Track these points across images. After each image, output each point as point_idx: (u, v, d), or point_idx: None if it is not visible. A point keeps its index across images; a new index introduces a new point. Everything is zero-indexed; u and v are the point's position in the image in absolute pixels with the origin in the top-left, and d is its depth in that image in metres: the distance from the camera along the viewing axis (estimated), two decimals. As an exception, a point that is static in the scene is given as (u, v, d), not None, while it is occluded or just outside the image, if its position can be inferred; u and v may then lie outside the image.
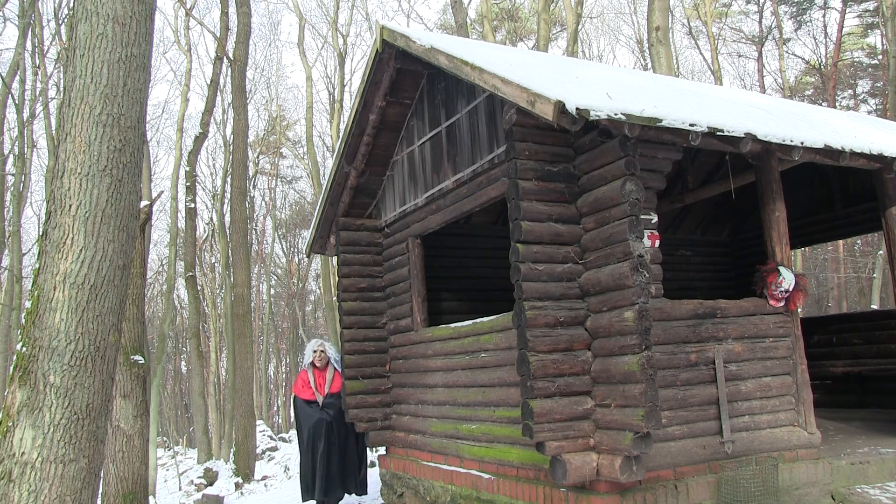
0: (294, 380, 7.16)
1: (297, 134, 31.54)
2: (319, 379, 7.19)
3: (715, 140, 4.70)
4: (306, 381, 7.16)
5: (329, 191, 7.39)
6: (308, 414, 7.05)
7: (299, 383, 7.20)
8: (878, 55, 23.62)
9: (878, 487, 5.16)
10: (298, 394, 7.15)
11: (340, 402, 7.04)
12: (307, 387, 7.14)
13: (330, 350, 7.32)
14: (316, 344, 7.33)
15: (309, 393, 7.10)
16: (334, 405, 7.10)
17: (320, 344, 7.30)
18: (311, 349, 7.28)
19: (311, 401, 7.10)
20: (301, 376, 7.25)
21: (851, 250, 24.23)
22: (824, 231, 9.02)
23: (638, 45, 27.12)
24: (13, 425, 3.14)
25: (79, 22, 3.43)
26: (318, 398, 7.08)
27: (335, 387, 7.18)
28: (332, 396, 7.13)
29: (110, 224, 3.35)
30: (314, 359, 7.22)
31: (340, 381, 7.11)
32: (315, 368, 7.21)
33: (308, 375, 7.18)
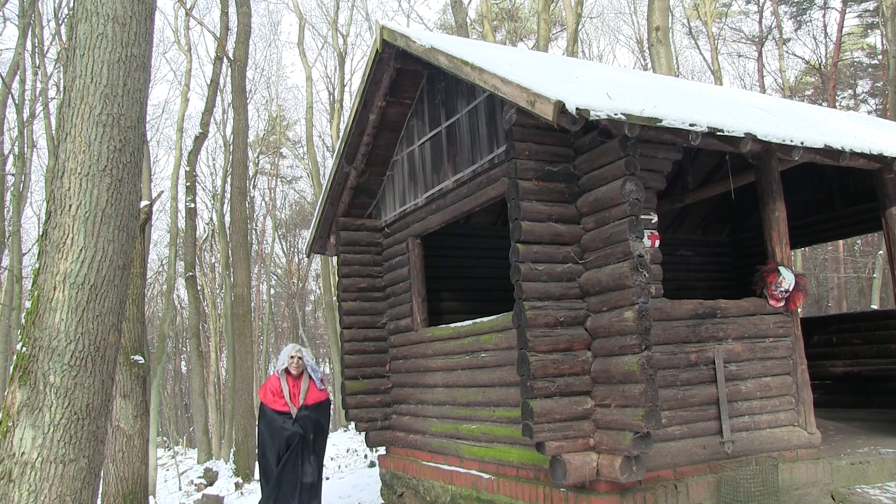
0: (261, 385, 6.31)
1: (297, 134, 31.56)
2: (294, 388, 6.29)
3: (715, 140, 4.70)
4: (277, 390, 6.26)
5: (329, 191, 7.39)
6: (279, 426, 6.13)
7: (268, 391, 6.28)
8: (878, 55, 23.62)
9: (878, 487, 5.16)
10: (268, 403, 6.22)
11: (315, 415, 6.28)
12: (279, 396, 6.23)
13: (307, 357, 6.49)
14: (293, 349, 6.44)
15: (281, 403, 6.20)
16: (308, 419, 6.21)
17: (297, 350, 6.43)
18: (288, 354, 6.41)
19: (282, 412, 6.19)
20: (270, 383, 6.36)
21: (851, 250, 24.23)
22: (824, 231, 9.01)
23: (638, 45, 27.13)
24: (13, 425, 3.14)
25: (79, 22, 3.43)
26: (292, 410, 6.17)
27: (310, 398, 6.30)
28: (306, 409, 6.23)
29: (110, 224, 3.35)
30: (289, 365, 6.34)
31: (317, 393, 6.34)
32: (289, 376, 6.34)
33: (280, 383, 6.30)
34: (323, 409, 6.38)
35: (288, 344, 6.54)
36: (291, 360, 6.34)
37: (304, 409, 6.22)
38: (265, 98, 31.68)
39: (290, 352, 6.40)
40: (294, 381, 6.32)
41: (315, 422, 6.24)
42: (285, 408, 6.19)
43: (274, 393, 6.22)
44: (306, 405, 6.24)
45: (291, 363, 6.33)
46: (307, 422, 6.20)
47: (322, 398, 6.34)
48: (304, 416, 6.19)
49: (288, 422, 6.14)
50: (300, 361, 6.37)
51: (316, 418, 6.25)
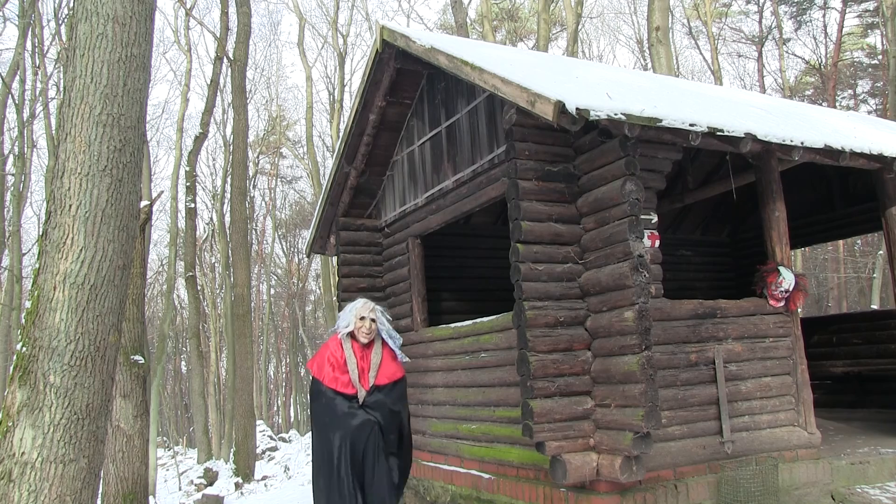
0: (314, 355, 4.44)
1: (297, 134, 31.56)
2: (363, 361, 4.27)
3: (715, 140, 4.70)
4: (340, 363, 4.23)
5: (329, 191, 7.39)
6: (343, 411, 4.14)
7: (326, 362, 4.26)
8: (878, 55, 23.62)
9: (878, 487, 5.16)
10: (326, 380, 4.21)
11: (392, 399, 4.22)
12: (341, 371, 4.22)
13: (383, 320, 4.40)
14: (365, 307, 4.31)
15: (344, 382, 4.18)
16: (383, 405, 4.19)
17: (371, 309, 4.32)
18: (356, 313, 4.29)
19: (344, 394, 4.18)
20: (330, 352, 4.29)
21: (851, 250, 24.22)
22: (824, 231, 9.01)
23: (638, 45, 27.12)
24: (13, 425, 3.14)
25: (79, 22, 3.43)
26: (360, 392, 4.16)
27: (384, 375, 4.25)
28: (379, 391, 4.20)
29: (110, 224, 3.35)
30: (358, 329, 4.25)
31: (392, 368, 4.29)
32: (355, 342, 4.28)
33: (343, 353, 4.25)
34: (399, 391, 4.30)
35: (357, 299, 4.41)
36: (362, 322, 4.23)
37: (375, 392, 4.20)
38: (265, 98, 31.72)
39: (361, 310, 4.27)
40: (363, 351, 4.27)
41: (390, 410, 4.21)
42: (349, 388, 4.16)
43: (335, 366, 4.21)
44: (378, 385, 4.20)
45: (361, 327, 4.23)
46: (382, 410, 4.17)
47: (398, 375, 4.30)
48: (376, 402, 4.18)
49: (354, 405, 4.16)
50: (373, 326, 4.26)
51: (392, 404, 4.22)
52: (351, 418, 4.12)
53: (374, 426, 4.13)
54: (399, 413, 4.29)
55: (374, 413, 4.15)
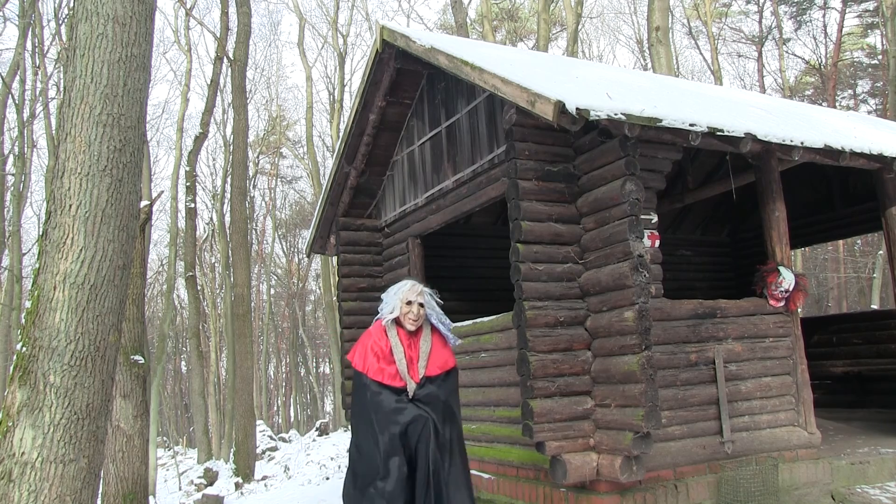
0: (354, 345, 3.94)
1: (297, 134, 31.56)
2: (411, 350, 3.80)
3: (715, 140, 4.70)
4: (385, 352, 3.76)
5: (329, 191, 7.39)
6: (391, 407, 3.63)
7: (369, 352, 3.79)
8: (878, 55, 23.62)
9: (878, 487, 5.16)
10: (370, 372, 3.73)
11: (444, 391, 3.75)
12: (387, 361, 3.74)
13: (432, 303, 3.95)
14: (412, 290, 3.84)
15: (391, 374, 3.70)
16: (436, 399, 3.70)
17: (419, 292, 3.85)
18: (403, 297, 3.82)
19: (391, 387, 3.70)
20: (373, 340, 3.81)
21: (851, 250, 24.23)
22: (824, 231, 9.01)
23: (638, 45, 27.12)
24: (13, 425, 3.13)
25: (79, 22, 3.43)
26: (409, 385, 3.68)
27: (434, 364, 3.78)
28: (431, 383, 3.74)
29: (110, 224, 3.35)
30: (404, 315, 3.79)
31: (443, 356, 3.83)
32: (401, 330, 3.82)
33: (388, 341, 3.78)
34: (452, 382, 3.84)
35: (404, 280, 3.97)
36: (409, 307, 3.76)
37: (426, 384, 3.72)
38: (265, 98, 31.73)
39: (408, 294, 3.81)
40: (410, 339, 3.81)
41: (445, 404, 3.72)
42: (397, 381, 3.68)
43: (379, 356, 3.74)
44: (430, 376, 3.74)
45: (408, 313, 3.77)
46: (435, 404, 3.66)
47: (451, 365, 3.85)
48: (428, 395, 3.68)
49: (403, 399, 3.66)
50: (421, 311, 3.81)
51: (446, 397, 3.74)
52: (400, 414, 3.57)
53: (428, 422, 3.57)
54: (452, 407, 3.74)
55: (426, 407, 3.62)
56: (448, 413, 3.73)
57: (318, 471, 13.21)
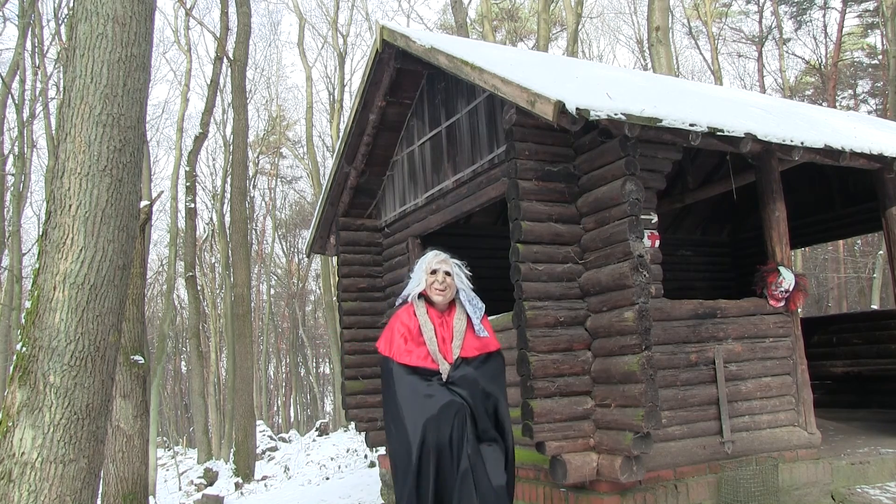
0: (381, 334, 3.50)
1: (297, 134, 31.56)
2: (443, 328, 3.39)
3: (715, 140, 4.70)
4: (413, 331, 3.35)
5: (329, 191, 7.38)
6: (420, 392, 3.25)
7: (395, 333, 3.40)
8: (878, 55, 23.62)
9: (878, 487, 5.16)
10: (396, 355, 3.36)
11: (483, 376, 3.32)
12: (415, 341, 3.34)
13: (462, 275, 3.52)
14: (437, 258, 3.45)
15: (420, 355, 3.31)
16: (472, 382, 3.29)
17: (443, 259, 3.45)
18: (427, 267, 3.43)
19: (422, 369, 3.30)
20: (398, 322, 3.42)
21: (851, 250, 24.22)
22: (824, 231, 9.01)
23: (638, 45, 27.12)
24: (13, 425, 3.14)
25: (79, 22, 3.43)
26: (441, 365, 3.29)
27: (470, 346, 3.36)
28: (467, 364, 3.32)
29: (110, 224, 3.35)
30: (430, 285, 3.39)
31: (486, 338, 3.41)
32: (432, 309, 3.42)
33: (417, 320, 3.38)
34: (493, 367, 3.40)
35: (427, 251, 3.56)
36: (433, 276, 3.37)
37: (461, 365, 3.32)
38: (265, 98, 31.70)
39: (431, 262, 3.42)
40: (441, 317, 3.41)
41: (483, 391, 3.28)
42: (428, 362, 3.29)
43: (407, 337, 3.35)
44: (465, 358, 3.33)
45: (433, 283, 3.36)
46: (472, 389, 3.26)
47: (492, 347, 3.42)
48: (464, 378, 3.27)
49: (435, 382, 3.26)
50: (448, 280, 3.39)
51: (486, 382, 3.29)
52: (430, 399, 3.17)
53: (463, 408, 3.17)
54: (493, 395, 3.28)
55: (462, 391, 3.21)
56: (488, 400, 3.28)
57: (318, 471, 13.21)
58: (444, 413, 3.17)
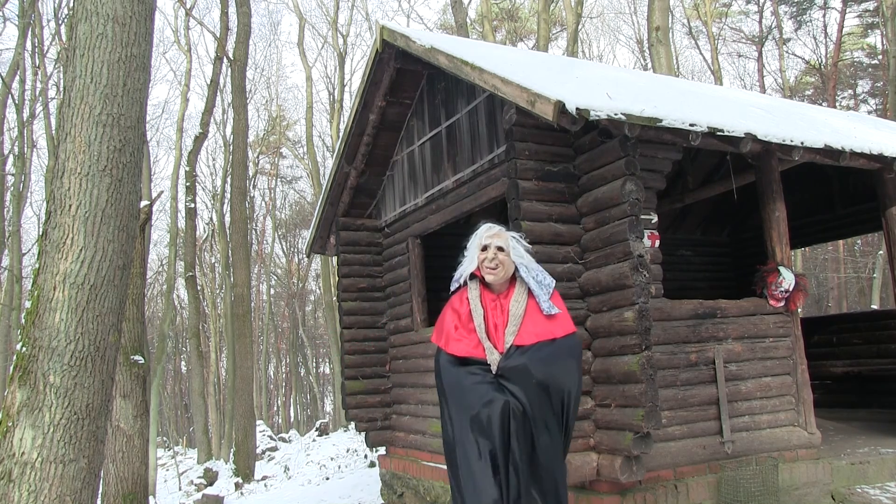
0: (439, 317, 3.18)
1: (297, 134, 31.56)
2: (495, 311, 3.02)
3: (715, 140, 4.70)
4: (463, 317, 3.04)
5: (329, 191, 7.39)
6: (466, 384, 2.91)
7: (445, 320, 3.11)
8: (878, 55, 23.62)
9: (878, 487, 5.16)
10: (444, 343, 3.05)
11: (543, 368, 2.87)
12: (465, 327, 3.01)
13: (521, 250, 3.12)
14: (489, 232, 3.11)
15: (469, 343, 2.97)
16: (525, 375, 2.86)
17: (495, 232, 3.10)
18: (478, 243, 3.11)
19: (472, 359, 2.96)
20: (450, 308, 3.13)
21: (851, 250, 24.22)
22: (824, 231, 9.01)
23: (638, 45, 27.13)
24: (13, 425, 3.13)
25: (79, 22, 3.43)
26: (490, 355, 2.92)
27: (528, 331, 2.93)
28: (522, 354, 2.90)
29: (110, 224, 3.35)
30: (480, 262, 3.06)
31: (543, 322, 2.95)
32: (487, 291, 3.08)
33: (468, 302, 3.07)
34: (556, 354, 2.89)
35: (481, 224, 3.19)
36: (483, 253, 3.01)
37: (514, 355, 2.88)
38: (265, 98, 31.71)
39: (482, 237, 3.07)
40: (496, 300, 3.02)
41: (539, 384, 2.82)
42: (477, 350, 2.92)
43: (458, 324, 3.00)
44: (521, 346, 2.89)
45: (483, 259, 3.01)
46: (524, 382, 2.82)
47: (557, 333, 2.92)
48: (516, 370, 2.85)
49: (483, 374, 2.87)
50: (500, 256, 2.99)
51: (543, 374, 2.83)
52: (473, 394, 2.77)
53: (507, 406, 2.73)
54: (550, 388, 2.76)
55: (512, 386, 2.76)
56: (542, 396, 2.75)
57: (318, 471, 13.20)
58: (488, 411, 2.75)
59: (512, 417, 2.75)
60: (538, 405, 2.78)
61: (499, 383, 2.82)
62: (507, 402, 2.76)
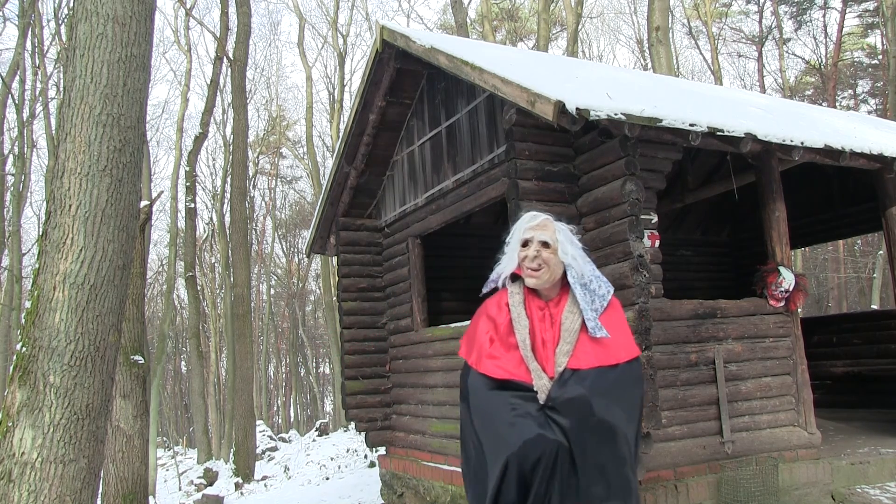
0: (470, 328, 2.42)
1: (297, 134, 31.56)
2: (542, 325, 2.28)
3: (715, 140, 4.70)
4: (502, 329, 2.32)
5: (329, 191, 7.38)
6: (503, 418, 2.16)
7: (477, 330, 2.40)
8: (878, 55, 23.62)
9: (878, 487, 5.16)
10: (476, 362, 2.30)
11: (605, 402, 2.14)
12: (503, 343, 2.29)
13: (570, 246, 2.31)
14: (530, 224, 2.34)
15: (510, 362, 2.24)
16: (584, 409, 2.12)
17: (540, 224, 2.33)
18: (519, 237, 2.36)
19: (512, 382, 2.21)
20: (485, 314, 2.43)
21: (851, 250, 24.22)
22: (824, 231, 9.02)
23: (638, 45, 27.12)
24: (13, 425, 3.13)
25: (79, 22, 3.43)
26: (538, 381, 2.18)
27: (591, 352, 2.20)
28: (580, 382, 2.15)
29: (110, 224, 3.35)
30: (521, 261, 2.35)
31: (614, 343, 2.23)
32: (533, 297, 2.35)
33: (506, 309, 2.36)
34: (619, 383, 2.22)
35: (523, 211, 2.56)
36: (525, 249, 2.34)
37: (569, 381, 2.19)
38: (265, 98, 31.71)
39: (525, 228, 2.36)
40: (545, 308, 2.34)
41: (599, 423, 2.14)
42: (520, 373, 2.23)
43: (494, 337, 2.34)
44: (577, 370, 2.20)
45: (525, 256, 2.34)
46: (580, 419, 2.14)
47: (620, 356, 2.24)
48: (570, 403, 2.15)
49: (528, 407, 2.18)
50: (545, 254, 2.29)
51: (604, 410, 2.14)
52: (513, 430, 2.10)
53: (558, 451, 2.08)
54: (614, 429, 2.11)
55: (564, 420, 2.10)
56: (602, 438, 2.10)
57: (317, 471, 13.21)
58: (529, 452, 2.07)
59: (568, 461, 2.09)
60: (594, 450, 2.09)
61: (545, 416, 2.12)
62: (559, 444, 2.08)
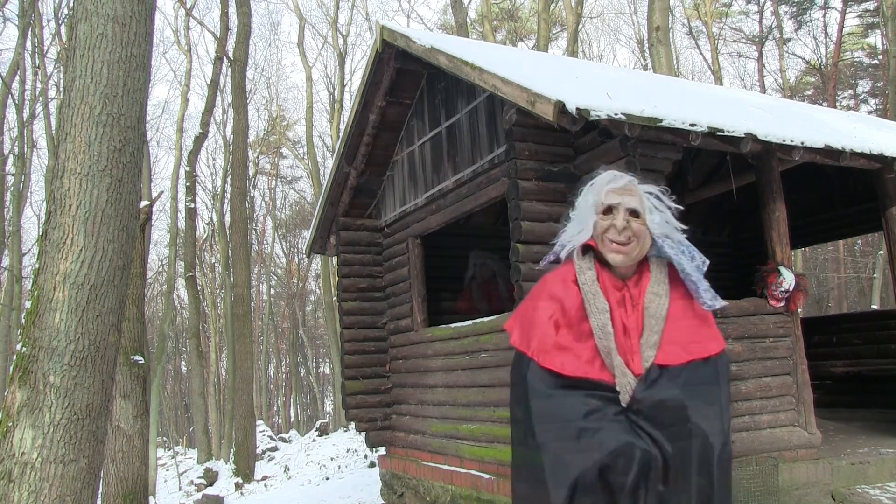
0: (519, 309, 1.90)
1: (297, 134, 31.56)
2: (624, 308, 1.81)
3: (715, 140, 4.70)
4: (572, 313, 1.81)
5: (329, 191, 7.39)
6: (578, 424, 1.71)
7: (536, 312, 1.85)
8: (878, 55, 23.62)
9: (879, 487, 5.16)
10: (541, 353, 1.77)
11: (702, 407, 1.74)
12: (573, 331, 1.79)
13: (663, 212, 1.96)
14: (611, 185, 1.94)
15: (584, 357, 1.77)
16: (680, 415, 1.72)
17: (625, 186, 1.91)
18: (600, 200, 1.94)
19: (585, 381, 1.74)
20: (546, 292, 1.87)
21: (851, 250, 24.22)
22: (824, 231, 9.01)
23: (638, 45, 27.13)
24: (13, 425, 3.13)
25: (79, 22, 3.43)
26: (621, 380, 1.73)
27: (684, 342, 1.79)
28: (673, 381, 1.74)
29: (110, 224, 3.35)
30: (602, 231, 1.86)
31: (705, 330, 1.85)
32: (604, 272, 1.85)
33: (581, 289, 1.82)
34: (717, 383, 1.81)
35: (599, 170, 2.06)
36: (608, 218, 1.89)
37: (660, 381, 1.75)
38: (265, 98, 31.70)
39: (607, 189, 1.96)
40: (623, 288, 1.86)
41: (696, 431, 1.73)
42: (596, 370, 1.76)
43: (560, 321, 1.81)
44: (666, 366, 1.76)
45: (608, 229, 1.86)
46: (674, 423, 1.73)
47: (711, 348, 1.83)
48: (661, 405, 1.73)
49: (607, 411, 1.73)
50: (635, 225, 1.86)
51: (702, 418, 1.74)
52: (592, 437, 1.72)
53: (650, 461, 1.72)
54: (709, 437, 1.76)
55: (655, 430, 1.74)
56: (697, 447, 1.75)
57: (318, 471, 13.21)
58: (616, 463, 1.70)
59: (660, 473, 1.71)
60: (687, 462, 1.73)
61: (629, 421, 1.74)
62: (653, 456, 1.71)
